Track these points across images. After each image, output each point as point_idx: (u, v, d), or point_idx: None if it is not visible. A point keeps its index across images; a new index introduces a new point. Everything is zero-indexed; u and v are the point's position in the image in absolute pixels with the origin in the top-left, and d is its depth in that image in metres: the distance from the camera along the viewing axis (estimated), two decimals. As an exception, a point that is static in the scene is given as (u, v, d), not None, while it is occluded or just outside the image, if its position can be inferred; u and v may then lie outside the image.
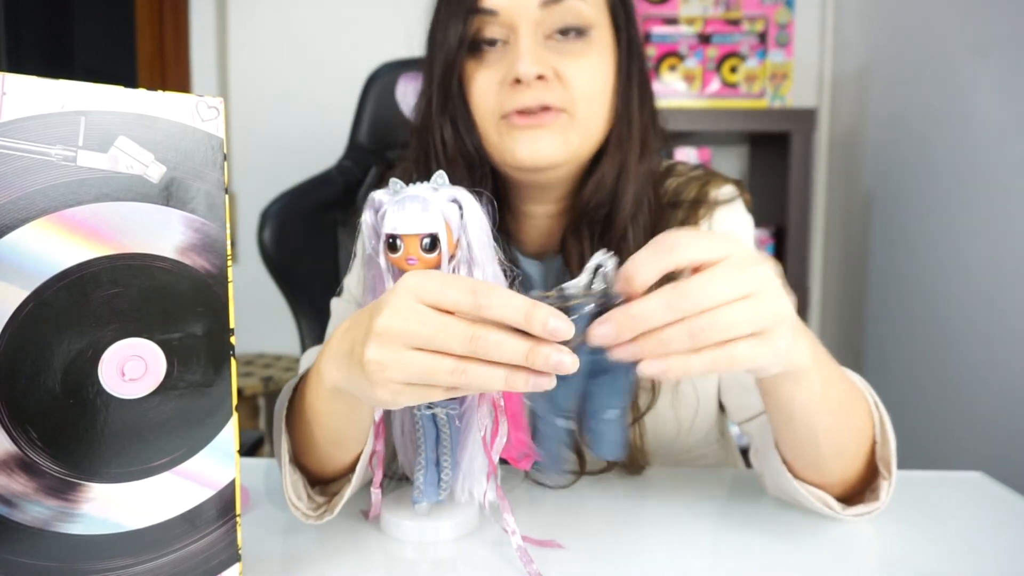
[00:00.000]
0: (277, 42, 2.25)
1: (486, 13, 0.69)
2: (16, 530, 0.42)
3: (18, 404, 0.41)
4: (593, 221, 0.73)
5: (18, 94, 0.40)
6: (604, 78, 0.71)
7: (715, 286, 0.44)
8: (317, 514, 0.60)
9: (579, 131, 0.70)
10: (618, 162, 0.73)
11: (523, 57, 0.67)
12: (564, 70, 0.69)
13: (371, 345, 0.45)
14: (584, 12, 0.69)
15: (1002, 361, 1.22)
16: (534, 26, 0.69)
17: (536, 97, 0.68)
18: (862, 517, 0.61)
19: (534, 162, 0.69)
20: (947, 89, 1.41)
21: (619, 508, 0.67)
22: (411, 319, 0.44)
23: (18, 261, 0.41)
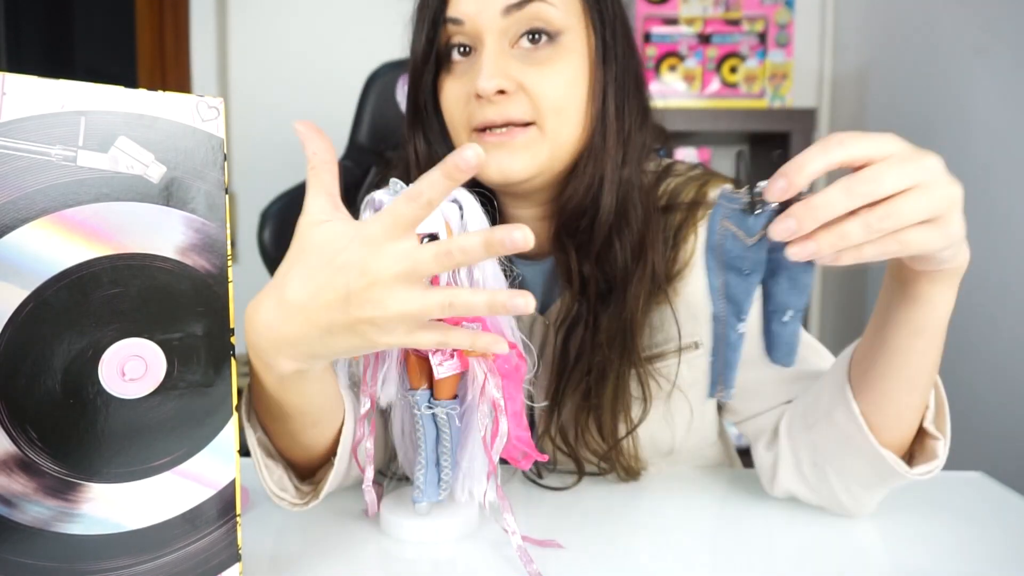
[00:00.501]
0: (277, 42, 2.25)
1: (452, 22, 0.68)
2: (16, 530, 0.42)
3: (18, 404, 0.41)
4: (577, 230, 0.72)
5: (18, 94, 0.40)
6: (574, 86, 0.69)
7: (890, 175, 0.45)
8: (304, 502, 0.61)
9: (549, 143, 0.69)
10: (591, 171, 0.70)
11: (483, 71, 0.66)
12: (529, 81, 0.67)
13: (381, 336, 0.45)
14: (551, 16, 0.67)
15: (1002, 361, 1.22)
16: (499, 35, 0.67)
17: (500, 112, 0.67)
18: (926, 476, 0.62)
19: (503, 179, 0.69)
20: (947, 89, 1.41)
21: (618, 508, 0.67)
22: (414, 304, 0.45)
23: (18, 261, 0.41)
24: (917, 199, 0.45)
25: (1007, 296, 1.21)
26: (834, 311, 1.97)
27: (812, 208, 0.45)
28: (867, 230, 0.45)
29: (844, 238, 0.46)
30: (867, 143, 0.46)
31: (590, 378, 0.70)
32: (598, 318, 0.70)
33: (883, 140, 0.47)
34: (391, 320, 0.44)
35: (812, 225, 0.45)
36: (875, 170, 0.45)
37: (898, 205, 0.45)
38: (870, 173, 0.45)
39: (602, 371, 0.69)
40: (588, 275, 0.71)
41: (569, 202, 0.71)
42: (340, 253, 0.45)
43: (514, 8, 0.66)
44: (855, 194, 0.45)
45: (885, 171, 0.45)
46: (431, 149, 0.74)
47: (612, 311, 0.70)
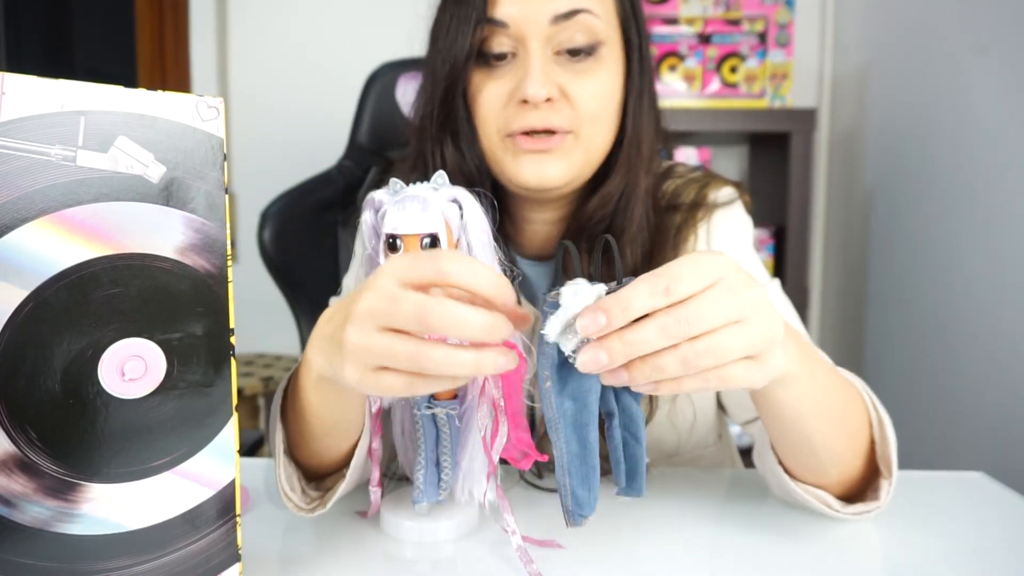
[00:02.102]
0: (277, 42, 2.25)
1: (496, 24, 0.67)
2: (16, 530, 0.42)
3: (18, 404, 0.41)
4: (592, 235, 0.72)
5: (18, 94, 0.40)
6: (611, 97, 0.70)
7: (709, 312, 0.43)
8: (310, 507, 0.60)
9: (584, 151, 0.70)
10: (626, 181, 0.72)
11: (533, 77, 0.66)
12: (571, 89, 0.68)
13: (349, 327, 0.45)
14: (596, 28, 0.68)
15: (1002, 361, 1.22)
16: (544, 41, 0.67)
17: (543, 119, 0.67)
18: (862, 516, 0.61)
19: (540, 184, 0.69)
20: (947, 89, 1.41)
21: (619, 508, 0.67)
22: (382, 299, 0.44)
23: (18, 261, 0.41)
24: (737, 335, 0.43)
25: (1007, 296, 1.21)
26: (834, 311, 1.97)
27: (626, 343, 0.43)
28: (684, 365, 0.43)
29: (660, 371, 0.43)
30: (694, 282, 0.43)
31: None
32: None
33: (708, 268, 0.44)
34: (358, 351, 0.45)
35: (622, 360, 0.43)
36: (695, 306, 0.43)
37: (717, 341, 0.43)
38: (689, 311, 0.43)
39: None
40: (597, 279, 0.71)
41: (598, 209, 0.72)
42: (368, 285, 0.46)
43: (562, 18, 0.67)
44: (671, 335, 0.42)
45: (705, 307, 0.43)
46: (463, 158, 0.72)
47: None
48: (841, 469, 0.61)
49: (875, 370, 1.70)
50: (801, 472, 0.61)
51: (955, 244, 1.37)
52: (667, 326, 0.43)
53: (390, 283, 0.45)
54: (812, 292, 1.98)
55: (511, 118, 0.68)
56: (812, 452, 0.58)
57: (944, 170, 1.42)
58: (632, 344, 0.43)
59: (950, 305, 1.37)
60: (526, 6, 0.66)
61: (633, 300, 0.43)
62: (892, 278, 1.63)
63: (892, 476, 0.60)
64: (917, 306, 1.51)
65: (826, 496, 0.61)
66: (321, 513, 0.61)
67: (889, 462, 0.61)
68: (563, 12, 0.66)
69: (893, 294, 1.62)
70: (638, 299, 0.43)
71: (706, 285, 0.44)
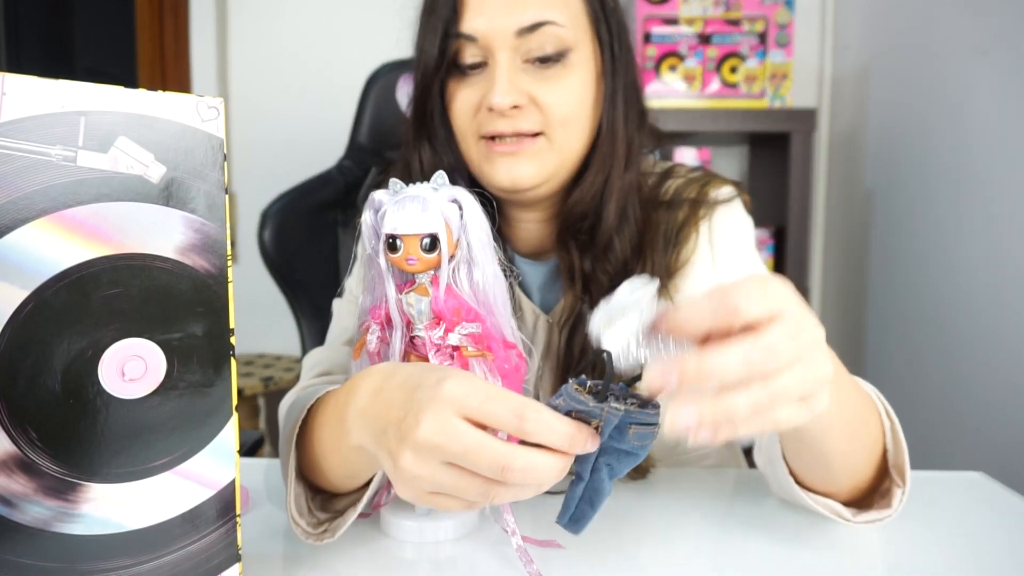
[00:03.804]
0: (277, 42, 2.25)
1: (465, 38, 0.69)
2: (16, 530, 0.42)
3: (18, 404, 0.41)
4: (579, 232, 0.74)
5: (18, 94, 0.40)
6: (583, 100, 0.71)
7: (785, 349, 0.40)
8: (317, 532, 0.58)
9: (557, 153, 0.71)
10: (601, 178, 0.73)
11: (498, 86, 0.68)
12: (540, 96, 0.69)
13: (406, 454, 0.44)
14: (562, 36, 0.69)
15: (1003, 361, 1.22)
16: (512, 51, 0.69)
17: (511, 124, 0.69)
18: (873, 524, 0.59)
19: (513, 186, 0.71)
20: (947, 89, 1.41)
21: (619, 508, 0.67)
22: (448, 436, 0.43)
23: (18, 261, 0.41)
24: (801, 378, 0.41)
25: (1007, 296, 1.21)
26: (834, 311, 1.97)
27: (704, 371, 0.40)
28: (754, 410, 0.40)
29: (729, 414, 0.40)
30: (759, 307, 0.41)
31: (594, 373, 0.70)
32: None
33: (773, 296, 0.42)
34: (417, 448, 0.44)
35: (696, 386, 0.40)
36: (772, 339, 0.40)
37: (783, 384, 0.40)
38: (769, 343, 0.40)
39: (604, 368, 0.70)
40: (590, 274, 0.73)
41: (575, 207, 0.74)
42: (432, 387, 0.45)
43: (527, 31, 0.68)
44: (754, 366, 0.40)
45: (781, 342, 0.40)
46: (438, 158, 0.75)
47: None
48: (853, 479, 0.60)
49: (875, 370, 1.70)
50: (812, 481, 0.60)
51: (955, 244, 1.37)
52: (750, 358, 0.40)
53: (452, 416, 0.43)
54: (812, 292, 1.98)
55: (482, 123, 0.70)
56: (828, 467, 0.58)
57: (944, 170, 1.42)
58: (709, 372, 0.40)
59: (950, 305, 1.37)
60: (492, 20, 0.68)
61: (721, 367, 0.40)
62: (892, 278, 1.63)
63: (905, 485, 0.59)
64: (917, 306, 1.51)
65: (835, 505, 0.60)
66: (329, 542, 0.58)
67: (903, 470, 0.59)
68: (527, 25, 0.68)
69: (893, 294, 1.62)
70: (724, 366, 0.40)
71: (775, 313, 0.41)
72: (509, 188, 0.71)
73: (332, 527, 0.58)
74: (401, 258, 0.55)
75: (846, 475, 0.59)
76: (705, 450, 0.81)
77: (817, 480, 0.60)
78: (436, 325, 0.56)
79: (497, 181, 0.71)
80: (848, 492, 0.61)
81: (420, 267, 0.55)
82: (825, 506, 0.60)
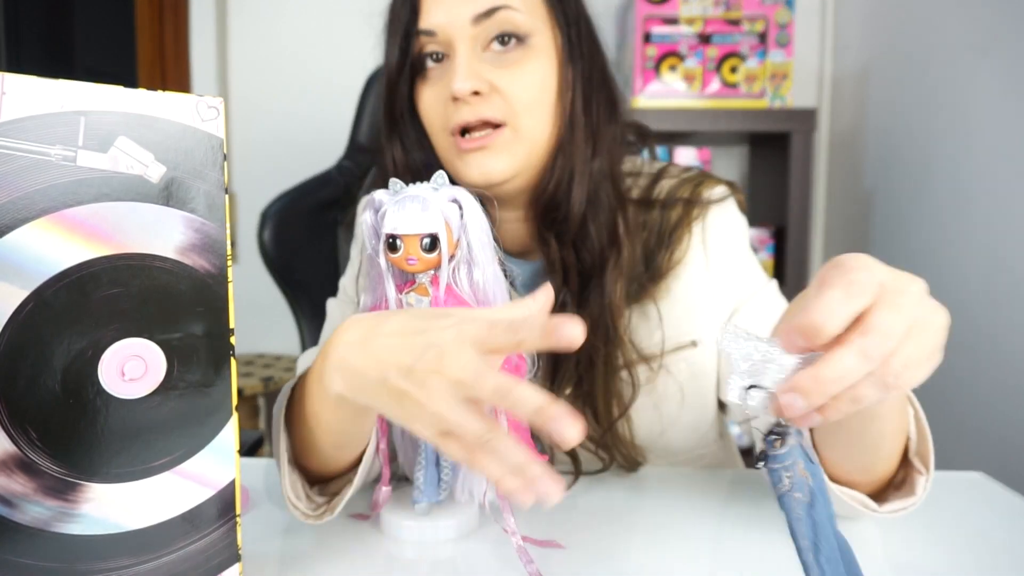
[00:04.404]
0: (277, 42, 2.25)
1: (424, 34, 0.71)
2: (16, 530, 0.42)
3: (18, 404, 0.41)
4: (554, 222, 0.74)
5: (18, 94, 0.40)
6: (544, 86, 0.72)
7: (897, 323, 0.40)
8: (316, 514, 0.60)
9: (524, 143, 0.72)
10: (561, 166, 0.73)
11: (457, 74, 0.69)
12: (501, 83, 0.70)
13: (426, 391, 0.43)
14: (518, 21, 0.70)
15: (1002, 361, 1.22)
16: (471, 41, 0.70)
17: (475, 112, 0.70)
18: (898, 514, 0.59)
19: (486, 181, 0.71)
20: (947, 89, 1.41)
21: (619, 508, 0.67)
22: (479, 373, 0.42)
23: (18, 261, 0.41)
24: (920, 344, 0.41)
25: (1007, 296, 1.21)
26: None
27: (822, 383, 0.39)
28: (886, 386, 0.40)
29: (857, 402, 0.41)
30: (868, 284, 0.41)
31: (580, 367, 0.72)
32: (581, 305, 0.72)
33: (874, 269, 0.42)
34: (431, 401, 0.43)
35: (821, 400, 0.40)
36: (881, 321, 0.40)
37: (906, 355, 0.40)
38: (880, 327, 0.40)
39: (590, 359, 0.71)
40: (568, 263, 0.73)
41: (542, 196, 0.74)
42: (436, 332, 0.45)
43: (482, 17, 0.69)
44: (872, 358, 0.39)
45: (891, 320, 0.40)
46: (408, 156, 0.76)
47: (593, 296, 0.72)
48: (887, 467, 0.59)
49: (875, 370, 1.70)
50: (841, 473, 0.59)
51: (955, 244, 1.37)
52: (866, 350, 0.39)
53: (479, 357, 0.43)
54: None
55: (449, 116, 0.71)
56: (876, 450, 0.57)
57: (944, 170, 1.42)
58: (828, 383, 0.39)
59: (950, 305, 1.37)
60: (448, 12, 0.70)
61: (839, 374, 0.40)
62: (892, 278, 1.62)
63: (929, 473, 0.59)
64: (917, 306, 1.51)
65: (862, 496, 0.59)
66: (330, 519, 0.60)
67: (927, 459, 0.59)
68: (482, 11, 0.69)
69: (893, 294, 1.62)
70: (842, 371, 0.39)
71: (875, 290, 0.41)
72: (482, 183, 0.71)
73: (331, 506, 0.60)
74: (401, 258, 0.55)
75: (886, 462, 0.59)
76: (702, 450, 0.81)
77: (853, 468, 0.59)
78: (436, 325, 0.56)
79: (469, 178, 0.71)
80: (872, 484, 0.60)
81: (420, 267, 0.55)
82: (852, 498, 0.58)
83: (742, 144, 2.04)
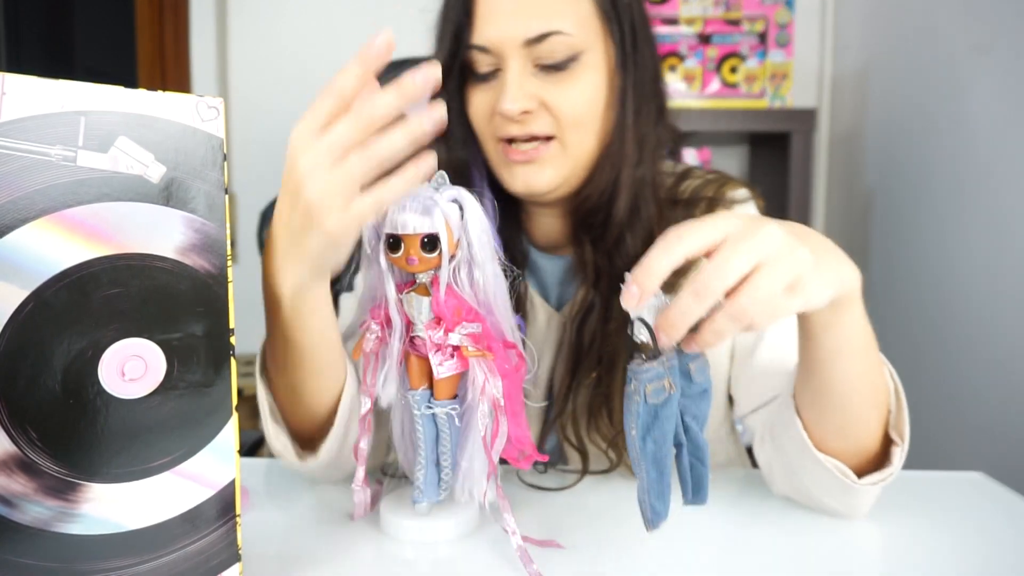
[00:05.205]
0: (277, 42, 2.25)
1: (477, 49, 0.71)
2: (16, 530, 0.42)
3: (18, 404, 0.41)
4: (591, 227, 0.75)
5: (18, 94, 0.40)
6: (594, 100, 0.72)
7: (733, 262, 0.45)
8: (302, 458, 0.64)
9: (570, 156, 0.73)
10: (612, 174, 0.74)
11: (508, 93, 0.69)
12: (551, 99, 0.70)
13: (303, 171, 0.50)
14: (571, 43, 0.70)
15: (1002, 361, 1.22)
16: (522, 59, 0.70)
17: (523, 129, 0.71)
18: (876, 485, 0.61)
19: (528, 192, 0.73)
20: (947, 89, 1.41)
21: (619, 508, 0.67)
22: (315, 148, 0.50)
23: (18, 261, 0.41)
24: (769, 277, 0.46)
25: (1007, 296, 1.21)
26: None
27: (671, 322, 0.46)
28: (738, 320, 0.46)
29: (720, 335, 0.47)
30: (705, 231, 0.47)
31: (601, 367, 0.73)
32: (609, 308, 0.73)
33: (719, 222, 0.47)
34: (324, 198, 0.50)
35: (679, 335, 0.47)
36: (717, 261, 0.46)
37: (753, 288, 0.46)
38: (713, 266, 0.46)
39: (612, 360, 0.72)
40: (601, 267, 0.75)
41: (585, 202, 0.75)
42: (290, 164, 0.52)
43: (534, 41, 0.69)
44: (705, 295, 0.46)
45: (728, 259, 0.45)
46: (452, 154, 0.76)
47: None
48: (866, 432, 0.61)
49: (875, 370, 1.70)
50: (826, 436, 0.61)
51: (955, 244, 1.37)
52: (697, 290, 0.45)
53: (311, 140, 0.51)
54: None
55: (497, 127, 0.72)
56: (846, 407, 0.59)
57: (944, 170, 1.42)
58: (676, 320, 0.46)
59: (950, 305, 1.37)
60: (501, 28, 0.70)
61: (652, 263, 0.46)
62: (892, 278, 1.63)
63: (904, 443, 0.61)
64: (917, 306, 1.51)
65: (842, 466, 0.61)
66: (313, 463, 0.64)
67: (902, 430, 0.62)
68: (534, 36, 0.69)
69: (893, 294, 1.62)
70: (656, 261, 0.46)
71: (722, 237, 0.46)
72: (525, 195, 0.74)
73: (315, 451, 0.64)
74: (401, 258, 0.55)
75: (860, 423, 0.60)
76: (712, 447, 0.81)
77: (832, 432, 0.61)
78: (436, 325, 0.56)
79: (513, 188, 0.74)
80: (855, 455, 0.62)
81: (420, 267, 0.55)
82: (834, 466, 0.61)
83: (742, 144, 2.04)
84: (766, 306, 0.46)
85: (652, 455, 0.50)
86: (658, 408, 0.49)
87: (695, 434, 0.52)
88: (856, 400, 0.59)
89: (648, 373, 0.48)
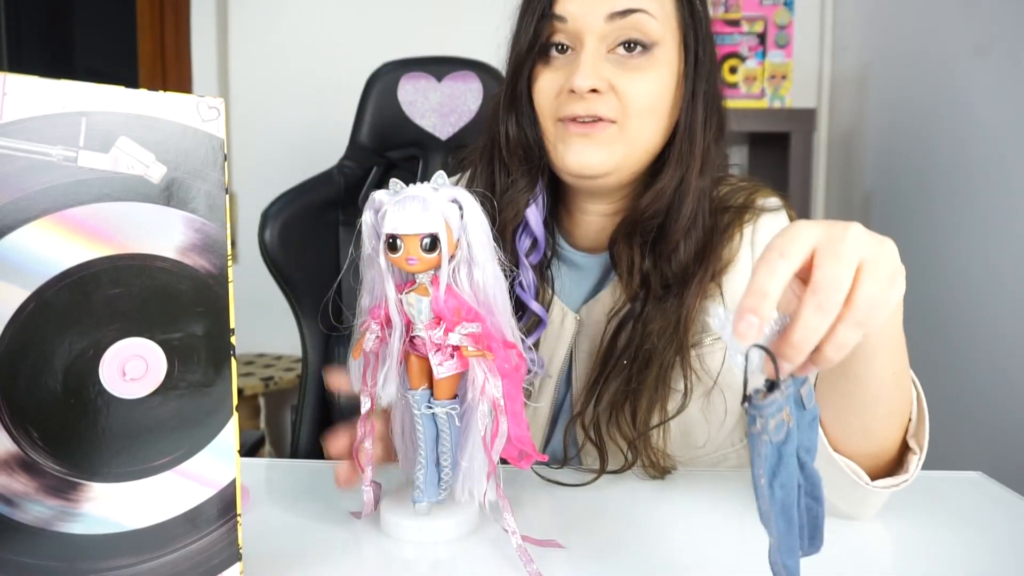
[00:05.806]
0: (277, 42, 2.25)
1: (557, 19, 0.73)
2: (17, 530, 0.42)
3: (19, 404, 0.41)
4: (646, 230, 0.76)
5: (19, 94, 0.40)
6: (661, 95, 0.73)
7: (842, 271, 0.44)
8: None
9: (627, 143, 0.73)
10: (678, 177, 0.75)
11: (581, 70, 0.71)
12: (620, 84, 0.72)
13: None
14: (650, 28, 0.71)
15: (1002, 361, 1.22)
16: (599, 39, 0.72)
17: (588, 107, 0.72)
18: (890, 489, 0.61)
19: (580, 170, 0.73)
20: (946, 89, 1.41)
21: (620, 508, 0.67)
22: None
23: (19, 261, 0.41)
24: (874, 275, 0.45)
25: (1007, 296, 1.21)
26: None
27: (794, 345, 0.44)
28: (862, 326, 0.45)
29: (843, 348, 0.45)
30: (799, 244, 0.45)
31: (634, 365, 0.73)
32: (650, 314, 0.74)
33: (802, 233, 0.46)
34: None
35: (803, 357, 0.44)
36: (826, 273, 0.44)
37: (865, 290, 0.44)
38: (826, 279, 0.44)
39: (647, 358, 0.73)
40: (648, 273, 0.75)
41: (650, 206, 0.76)
42: None
43: (617, 16, 0.71)
44: (828, 309, 0.44)
45: (835, 269, 0.44)
46: (521, 132, 0.78)
47: (669, 308, 0.74)
48: (887, 436, 0.61)
49: (875, 370, 1.70)
50: (841, 435, 0.61)
51: (954, 243, 1.37)
52: (820, 304, 0.43)
53: None
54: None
55: (561, 105, 0.73)
56: (872, 406, 0.59)
57: (944, 170, 1.42)
58: (800, 344, 0.43)
59: (950, 305, 1.37)
60: (585, 3, 0.71)
61: (764, 287, 0.43)
62: (892, 278, 1.62)
63: (922, 453, 0.61)
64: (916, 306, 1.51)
65: (856, 468, 0.61)
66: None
67: (921, 439, 0.62)
68: (619, 10, 0.71)
69: (893, 294, 1.62)
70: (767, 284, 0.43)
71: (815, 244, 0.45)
72: (577, 172, 0.74)
73: None
74: (401, 258, 0.55)
75: (884, 425, 0.60)
76: (724, 451, 0.81)
77: (855, 434, 0.61)
78: (436, 325, 0.56)
79: (567, 164, 0.74)
80: (873, 459, 0.62)
81: (420, 267, 0.55)
82: (848, 466, 0.61)
83: (742, 144, 2.04)
84: (878, 305, 0.45)
85: (781, 503, 0.45)
86: (780, 446, 0.45)
87: (811, 471, 0.48)
88: (884, 400, 0.59)
89: (772, 407, 0.44)
